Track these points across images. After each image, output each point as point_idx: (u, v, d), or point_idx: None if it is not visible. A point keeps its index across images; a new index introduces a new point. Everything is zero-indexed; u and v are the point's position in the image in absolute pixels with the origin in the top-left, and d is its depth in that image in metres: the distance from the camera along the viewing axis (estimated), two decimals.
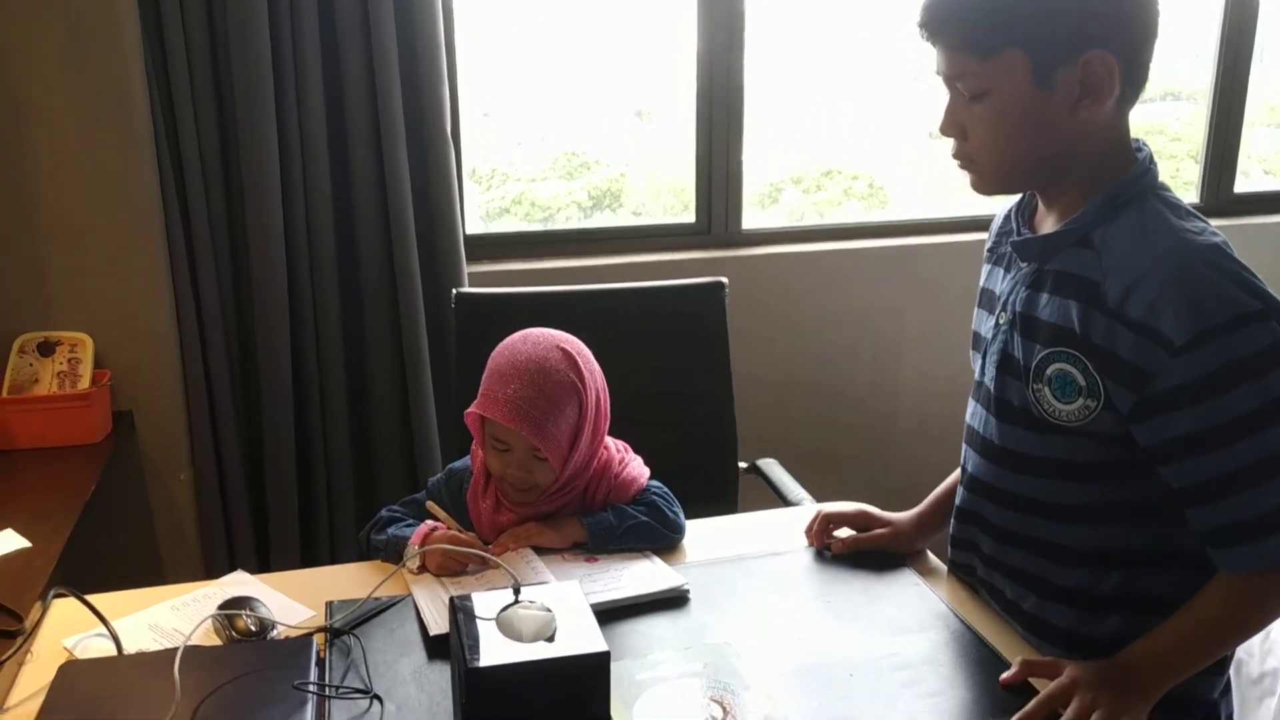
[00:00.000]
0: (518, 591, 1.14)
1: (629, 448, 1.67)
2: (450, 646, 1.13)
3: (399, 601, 1.41)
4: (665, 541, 1.56)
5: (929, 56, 1.29)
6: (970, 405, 1.42)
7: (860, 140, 3.05)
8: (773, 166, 2.91)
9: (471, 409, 1.52)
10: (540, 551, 1.51)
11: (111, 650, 1.30)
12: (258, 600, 1.38)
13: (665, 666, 1.23)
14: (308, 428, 2.35)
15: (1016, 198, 1.41)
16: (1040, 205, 1.35)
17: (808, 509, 1.72)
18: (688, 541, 1.59)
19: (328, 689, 1.21)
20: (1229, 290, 1.15)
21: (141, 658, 1.28)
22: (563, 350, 1.52)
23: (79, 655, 1.30)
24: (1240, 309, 1.14)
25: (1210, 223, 1.25)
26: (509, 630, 1.07)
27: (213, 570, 2.33)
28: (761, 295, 2.62)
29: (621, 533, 1.53)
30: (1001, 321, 1.34)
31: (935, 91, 1.32)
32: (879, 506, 1.62)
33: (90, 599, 1.36)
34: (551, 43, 2.67)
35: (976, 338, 1.43)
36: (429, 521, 1.54)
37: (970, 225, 2.82)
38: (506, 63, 2.64)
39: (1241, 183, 3.06)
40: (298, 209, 2.25)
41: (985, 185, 1.32)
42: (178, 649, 1.20)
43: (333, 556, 2.40)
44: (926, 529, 1.55)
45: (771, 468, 2.10)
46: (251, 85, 2.15)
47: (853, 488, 2.05)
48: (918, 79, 2.97)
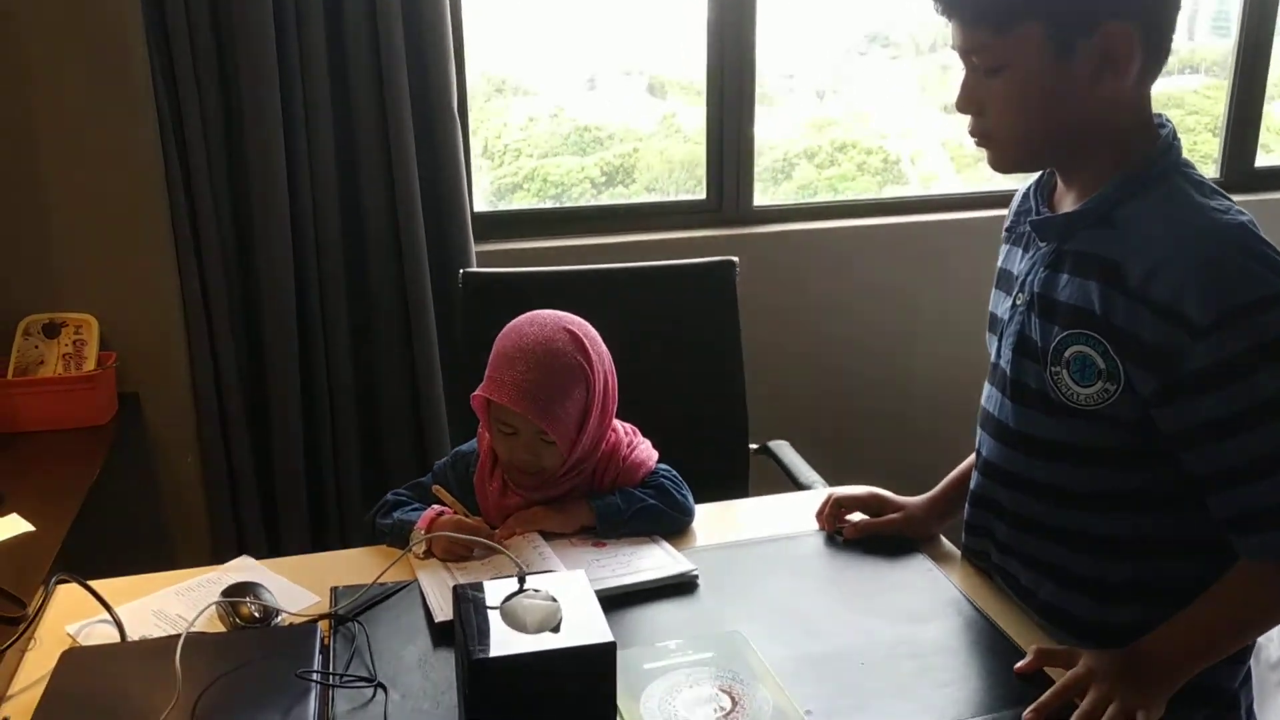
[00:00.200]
0: (523, 580, 1.12)
1: (637, 430, 1.64)
2: (455, 636, 1.11)
3: (404, 587, 1.39)
4: (674, 525, 1.54)
5: (943, 29, 1.25)
6: (985, 388, 1.39)
7: (874, 114, 3.00)
8: (785, 141, 2.87)
9: (477, 392, 1.50)
10: (547, 536, 1.49)
11: (115, 636, 1.29)
12: (262, 586, 1.37)
13: (673, 655, 1.21)
14: (315, 410, 2.34)
15: (1035, 176, 1.37)
16: (1059, 183, 1.32)
17: (819, 492, 1.70)
18: (697, 525, 1.57)
19: (331, 677, 1.20)
20: (1256, 271, 1.11)
21: (144, 645, 1.26)
22: (569, 332, 1.50)
23: (82, 641, 1.29)
24: (1268, 290, 1.10)
25: (1235, 200, 1.21)
26: (514, 620, 1.05)
27: (220, 553, 2.33)
28: (773, 274, 2.59)
29: (630, 516, 1.51)
30: (1019, 303, 1.31)
31: (950, 65, 1.28)
32: (892, 490, 1.59)
33: (94, 584, 1.34)
34: (563, 16, 2.63)
35: (993, 319, 1.39)
36: (435, 506, 1.52)
37: (987, 202, 2.77)
38: (518, 38, 2.60)
39: (1262, 157, 3.01)
40: (303, 188, 2.22)
41: (1003, 163, 1.28)
42: (179, 637, 1.18)
43: (342, 537, 2.39)
44: (940, 514, 1.52)
45: (783, 449, 2.07)
46: (255, 62, 2.13)
47: (865, 470, 2.03)
48: (933, 50, 2.92)
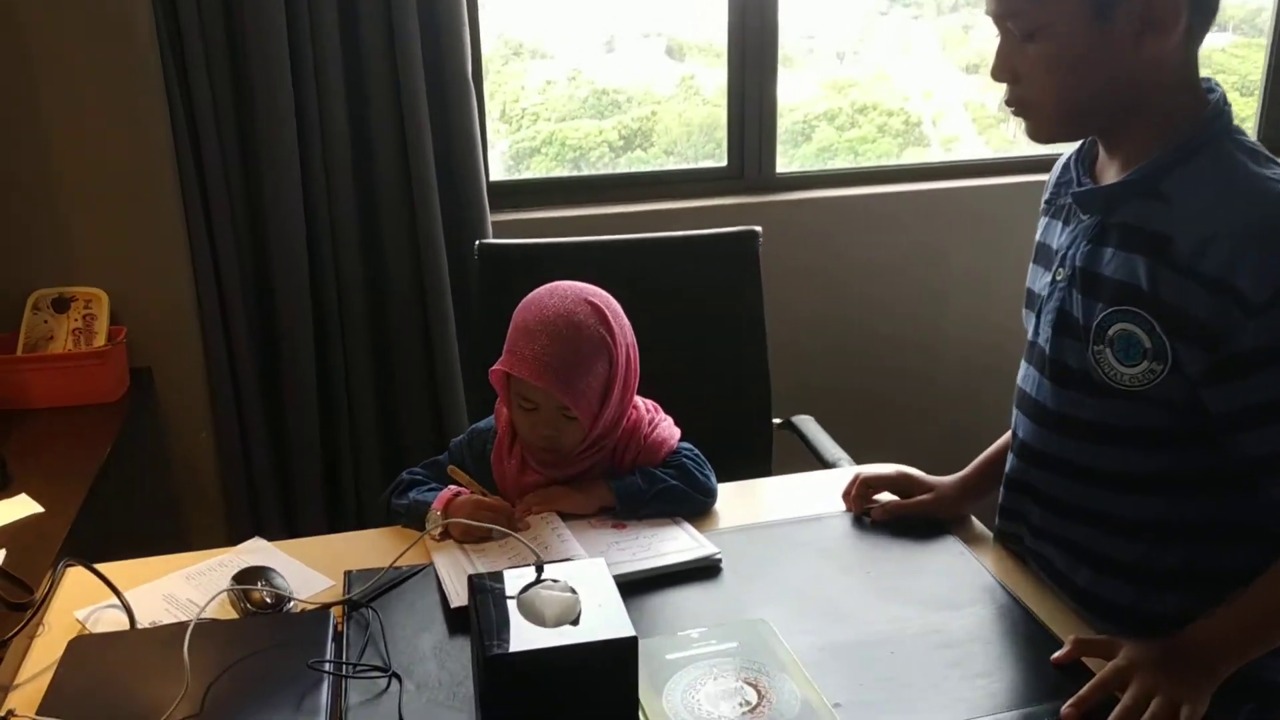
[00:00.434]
0: (540, 569, 1.08)
1: (659, 407, 1.60)
2: (470, 628, 1.07)
3: (420, 571, 1.36)
4: (696, 506, 1.50)
5: None
6: (1022, 367, 1.33)
7: (895, 75, 2.93)
8: (805, 103, 2.80)
9: (497, 366, 1.46)
10: (566, 517, 1.46)
11: (125, 622, 1.26)
12: (274, 570, 1.33)
13: (696, 645, 1.17)
14: (330, 385, 2.30)
15: (1075, 145, 1.31)
16: (1102, 153, 1.26)
17: (845, 471, 1.65)
18: (719, 505, 1.52)
19: (344, 667, 1.16)
20: None
21: (153, 632, 1.24)
22: (591, 304, 1.46)
23: (91, 627, 1.27)
24: None
25: None
26: (530, 613, 1.01)
27: (236, 530, 2.30)
28: (796, 243, 2.52)
29: (651, 497, 1.47)
30: (1059, 278, 1.25)
31: (972, 24, 1.22)
32: (920, 466, 1.55)
33: (104, 568, 1.32)
34: None
35: (1030, 296, 1.33)
36: (452, 486, 1.48)
37: (1016, 167, 2.71)
38: (535, 0, 2.54)
39: None
40: (315, 158, 2.17)
41: (1042, 132, 1.22)
42: (188, 625, 1.15)
43: (359, 514, 2.37)
44: (972, 494, 1.47)
45: (807, 424, 2.02)
46: (265, 31, 2.07)
47: (891, 446, 1.99)
48: (955, 9, 2.85)
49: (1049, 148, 1.36)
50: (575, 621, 1.01)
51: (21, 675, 1.20)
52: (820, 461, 1.88)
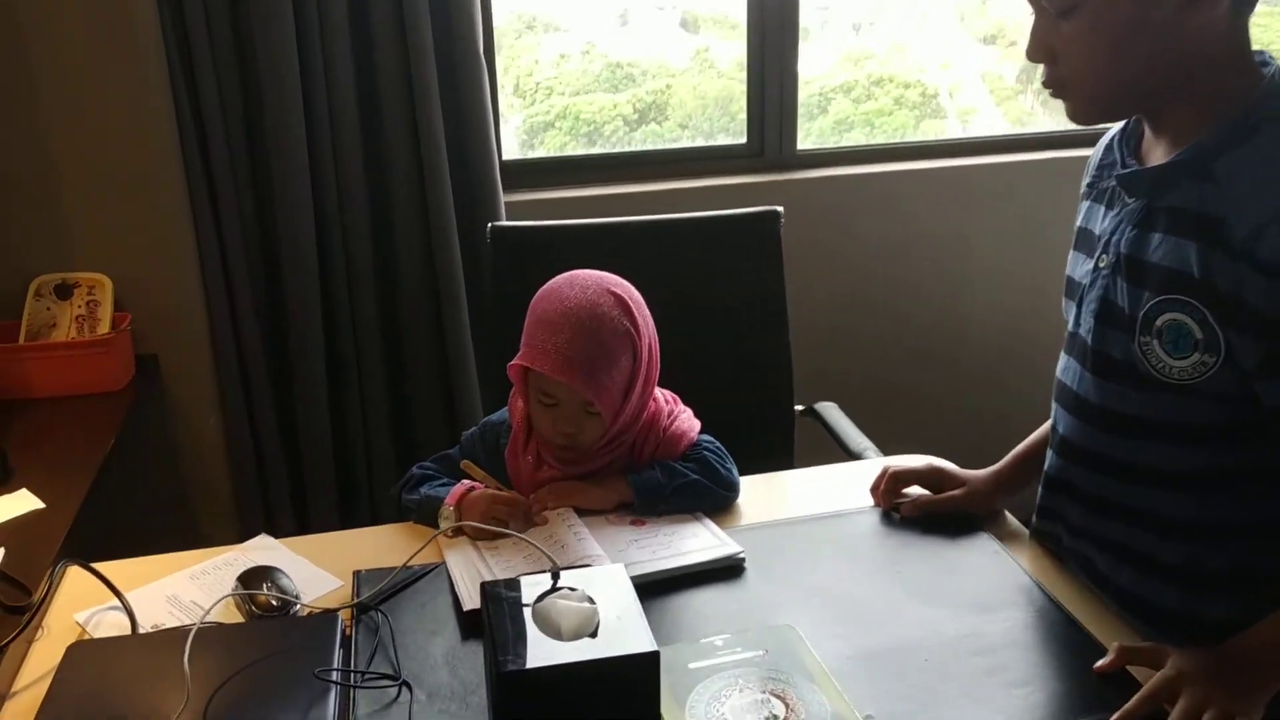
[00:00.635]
0: (556, 577, 1.02)
1: (678, 399, 1.54)
2: (483, 639, 1.02)
3: (431, 570, 1.31)
4: (718, 501, 1.45)
5: None
6: (1062, 359, 1.26)
7: (912, 46, 2.86)
8: (821, 75, 2.73)
9: (516, 360, 1.40)
10: (582, 513, 1.40)
11: (126, 624, 1.22)
12: (280, 571, 1.29)
13: (720, 653, 1.12)
14: (341, 371, 2.25)
15: (1118, 125, 1.24)
16: (1147, 132, 1.19)
17: (871, 463, 1.59)
18: (742, 500, 1.47)
19: (352, 675, 1.12)
20: None
21: (154, 637, 1.19)
22: (614, 294, 1.40)
23: (92, 631, 1.23)
24: None
25: None
26: (546, 625, 0.96)
27: (246, 520, 2.27)
28: (818, 223, 2.45)
29: (671, 492, 1.42)
30: (1102, 265, 1.18)
31: None
32: (944, 452, 1.49)
33: (105, 567, 1.28)
34: None
35: (1070, 284, 1.27)
36: (465, 481, 1.43)
37: (1043, 143, 2.63)
38: None
39: None
40: (322, 137, 2.12)
41: (1083, 114, 1.16)
42: (189, 632, 1.10)
43: (371, 505, 2.32)
44: (1005, 489, 1.41)
45: (829, 411, 1.96)
46: (271, 6, 2.01)
47: (916, 434, 1.92)
48: None
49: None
50: (594, 634, 0.96)
51: (19, 682, 1.16)
52: (844, 450, 1.82)
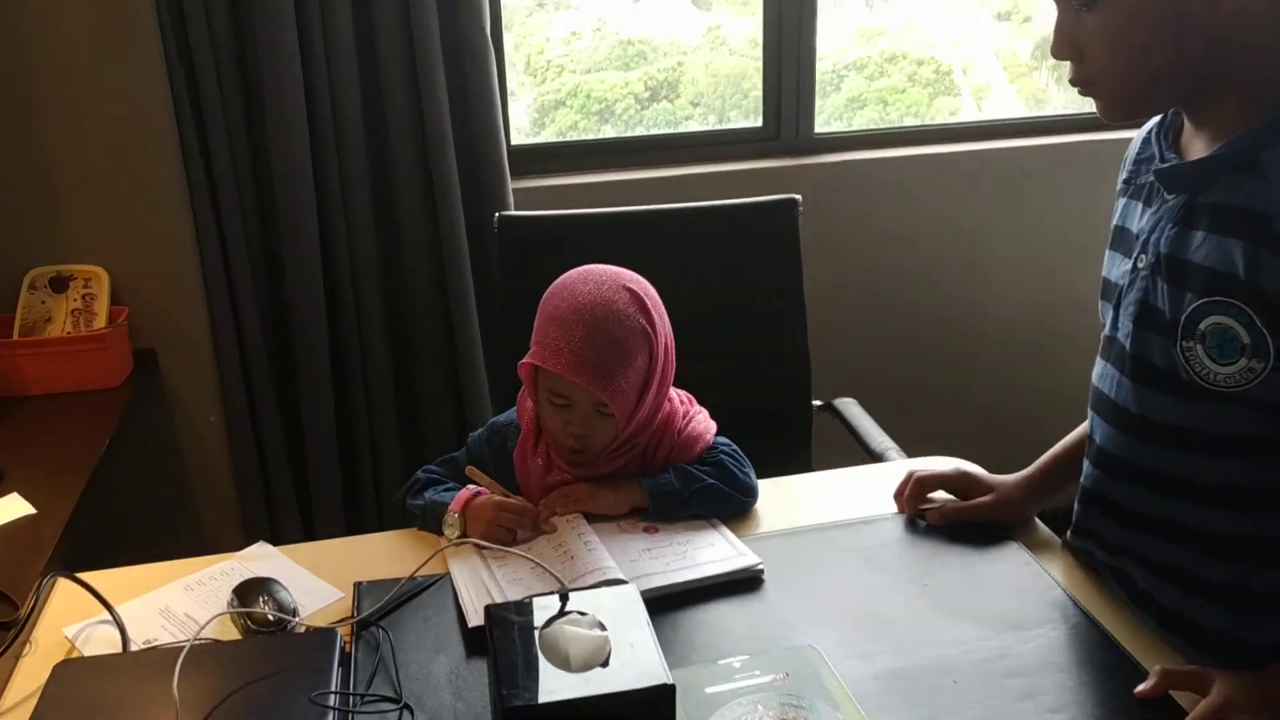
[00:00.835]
0: (565, 599, 0.97)
1: (693, 399, 1.48)
2: (487, 664, 0.97)
3: (435, 582, 1.26)
4: (736, 506, 1.39)
5: None
6: (1098, 365, 1.20)
7: (925, 22, 2.79)
8: (833, 52, 2.66)
9: (527, 359, 1.34)
10: (593, 519, 1.34)
11: (117, 640, 1.17)
12: (277, 583, 1.23)
13: (739, 676, 1.06)
14: (345, 365, 2.19)
15: (1156, 118, 1.16)
16: (1187, 124, 1.12)
17: (895, 465, 1.53)
18: (760, 505, 1.41)
19: (351, 698, 1.06)
20: None
21: (144, 656, 1.14)
22: (630, 291, 1.34)
23: (81, 646, 1.18)
24: None
25: None
26: (554, 655, 0.90)
27: (250, 520, 2.22)
28: (837, 210, 2.38)
29: (687, 497, 1.36)
30: (1141, 265, 1.11)
31: None
32: (962, 448, 1.44)
33: (97, 576, 1.23)
34: None
35: (1107, 285, 1.20)
36: (471, 486, 1.37)
37: (1067, 126, 2.55)
38: None
39: None
40: (324, 124, 2.05)
41: (1115, 111, 1.09)
42: (180, 653, 1.05)
43: (377, 506, 2.27)
44: (1036, 496, 1.35)
45: (849, 408, 1.90)
46: None
47: (938, 430, 1.87)
48: None
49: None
50: (605, 663, 0.90)
51: (5, 702, 1.11)
52: (865, 450, 1.75)
